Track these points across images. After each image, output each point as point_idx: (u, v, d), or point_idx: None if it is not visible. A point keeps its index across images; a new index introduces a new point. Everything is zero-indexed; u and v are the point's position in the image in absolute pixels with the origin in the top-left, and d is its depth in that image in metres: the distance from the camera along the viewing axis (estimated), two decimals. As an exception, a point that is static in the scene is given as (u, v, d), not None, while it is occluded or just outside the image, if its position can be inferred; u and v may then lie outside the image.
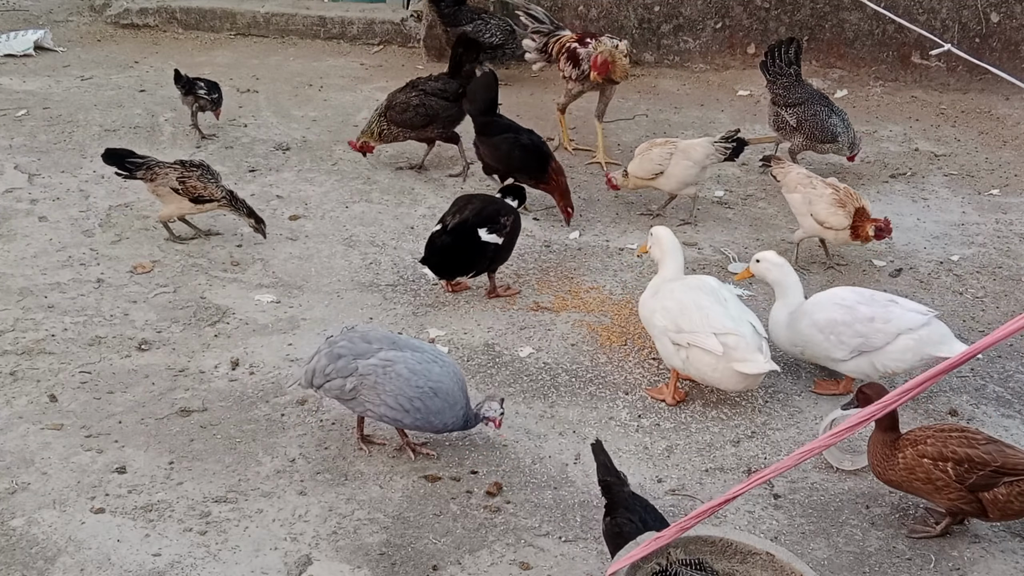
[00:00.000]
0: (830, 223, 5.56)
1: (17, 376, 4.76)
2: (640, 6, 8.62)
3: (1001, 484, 3.73)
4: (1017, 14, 8.19)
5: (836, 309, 4.60)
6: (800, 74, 6.89)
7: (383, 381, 4.07)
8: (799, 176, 5.79)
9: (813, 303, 4.70)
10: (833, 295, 4.72)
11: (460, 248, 5.29)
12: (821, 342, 4.61)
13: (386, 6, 9.55)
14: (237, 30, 9.34)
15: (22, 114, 7.58)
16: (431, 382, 4.08)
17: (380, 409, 4.10)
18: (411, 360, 4.10)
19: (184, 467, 4.22)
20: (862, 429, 2.79)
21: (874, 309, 4.57)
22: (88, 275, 5.60)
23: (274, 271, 5.70)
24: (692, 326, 4.45)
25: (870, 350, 4.55)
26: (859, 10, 8.26)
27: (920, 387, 2.53)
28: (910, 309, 4.60)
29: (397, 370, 4.07)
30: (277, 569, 3.74)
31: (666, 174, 6.12)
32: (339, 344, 4.17)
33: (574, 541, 3.91)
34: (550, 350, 5.06)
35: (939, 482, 3.79)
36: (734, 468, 4.31)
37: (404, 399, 4.07)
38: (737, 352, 4.36)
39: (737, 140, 6.17)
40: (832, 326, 4.57)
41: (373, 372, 4.08)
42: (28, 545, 3.81)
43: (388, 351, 4.12)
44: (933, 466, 3.79)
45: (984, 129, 7.75)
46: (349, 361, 4.11)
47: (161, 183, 5.82)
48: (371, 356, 4.11)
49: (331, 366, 4.12)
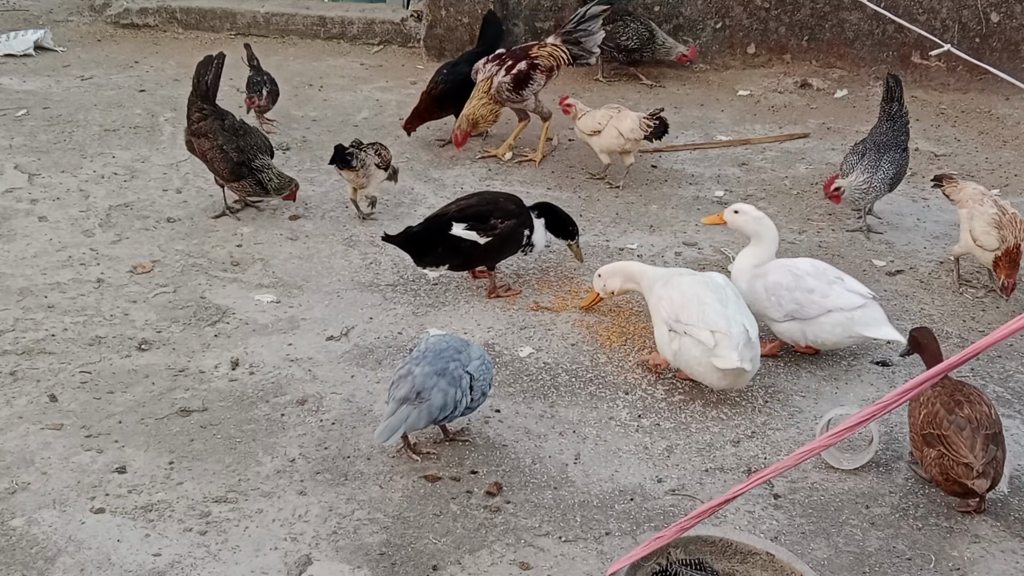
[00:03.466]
0: (981, 241, 5.43)
1: (17, 376, 4.76)
2: (640, 6, 8.62)
3: (936, 448, 4.01)
4: (1017, 14, 8.20)
5: (786, 274, 4.88)
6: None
7: (485, 374, 4.24)
8: (973, 192, 5.62)
9: (773, 265, 4.95)
10: (792, 262, 4.99)
11: (427, 236, 5.32)
12: (763, 300, 4.90)
13: (386, 6, 9.55)
14: (237, 30, 9.34)
15: (22, 114, 7.58)
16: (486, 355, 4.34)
17: (477, 402, 4.26)
18: (476, 348, 4.30)
19: (184, 467, 4.23)
20: (862, 429, 2.79)
21: (818, 282, 4.84)
22: (88, 275, 5.60)
23: (274, 271, 5.70)
24: (689, 318, 4.55)
25: (802, 318, 4.82)
26: (859, 10, 8.26)
27: (920, 387, 2.53)
28: (851, 290, 4.85)
29: (486, 358, 4.28)
30: (277, 569, 3.74)
31: (600, 135, 6.57)
32: (448, 371, 4.13)
33: (574, 541, 3.91)
34: (550, 350, 5.06)
35: (911, 418, 4.19)
36: (734, 468, 4.31)
37: (491, 379, 4.31)
38: (718, 348, 4.44)
39: (659, 119, 6.53)
40: (776, 288, 4.86)
41: (480, 369, 4.22)
42: (28, 545, 3.82)
43: (468, 349, 4.24)
44: (916, 405, 4.16)
45: (984, 129, 7.75)
46: (462, 374, 4.16)
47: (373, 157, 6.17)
48: (469, 360, 4.20)
49: (454, 391, 4.13)
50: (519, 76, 6.80)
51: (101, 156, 6.97)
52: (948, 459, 3.94)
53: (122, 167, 6.81)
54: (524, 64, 6.81)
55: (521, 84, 6.82)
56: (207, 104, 6.13)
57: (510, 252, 5.52)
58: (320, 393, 4.70)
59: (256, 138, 6.21)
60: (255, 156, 6.09)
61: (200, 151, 6.12)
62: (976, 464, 3.88)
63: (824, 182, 6.23)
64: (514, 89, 6.82)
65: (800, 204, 6.62)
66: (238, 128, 6.15)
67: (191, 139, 6.17)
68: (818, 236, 6.21)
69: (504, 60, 6.88)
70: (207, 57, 6.15)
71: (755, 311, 4.81)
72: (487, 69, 6.89)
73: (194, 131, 6.12)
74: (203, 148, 6.08)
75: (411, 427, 4.10)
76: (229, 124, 6.12)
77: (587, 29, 7.01)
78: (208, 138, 6.06)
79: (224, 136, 6.05)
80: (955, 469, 3.92)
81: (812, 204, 6.62)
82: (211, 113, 6.11)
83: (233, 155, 6.03)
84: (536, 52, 6.89)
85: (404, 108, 7.78)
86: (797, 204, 6.62)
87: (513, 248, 5.49)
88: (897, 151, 6.12)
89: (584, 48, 7.05)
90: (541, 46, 6.96)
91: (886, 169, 6.03)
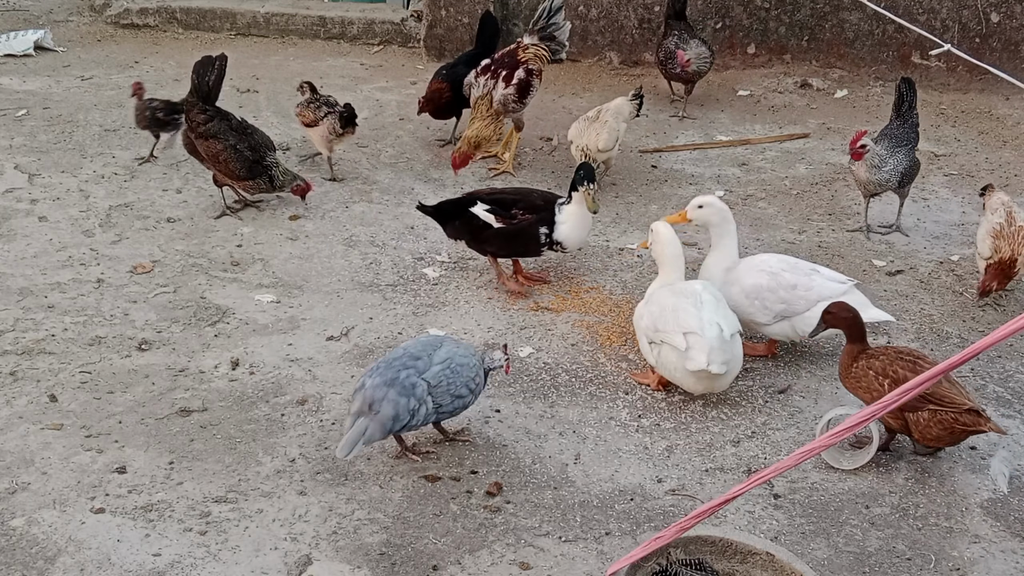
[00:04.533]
0: (978, 247, 5.46)
1: (17, 376, 4.76)
2: (640, 6, 8.62)
3: (925, 409, 4.09)
4: (1017, 14, 8.20)
5: (761, 275, 4.86)
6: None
7: (452, 377, 4.16)
8: (996, 200, 5.61)
9: (742, 269, 4.93)
10: (760, 261, 4.99)
11: (453, 208, 5.55)
12: (747, 307, 4.85)
13: (386, 6, 9.55)
14: (237, 30, 9.35)
15: (22, 114, 7.58)
16: (471, 356, 4.25)
17: (453, 404, 4.20)
18: (448, 349, 4.23)
19: (184, 467, 4.23)
20: (861, 429, 2.79)
21: (797, 277, 4.85)
22: (88, 275, 5.60)
23: (274, 271, 5.70)
24: (665, 326, 4.55)
25: (792, 315, 4.82)
26: (859, 10, 8.26)
27: (920, 387, 2.53)
28: (830, 278, 4.88)
29: (457, 360, 4.20)
30: (277, 569, 3.74)
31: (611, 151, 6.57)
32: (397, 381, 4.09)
33: (574, 541, 3.91)
34: (550, 350, 5.06)
35: (875, 393, 4.15)
36: (734, 468, 4.31)
37: (469, 381, 4.21)
38: (689, 351, 4.44)
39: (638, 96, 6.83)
40: (757, 291, 4.84)
41: (442, 375, 4.13)
42: (28, 545, 3.82)
43: (433, 354, 4.19)
44: (875, 379, 4.20)
45: (984, 129, 7.75)
46: (417, 381, 4.10)
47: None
48: (429, 366, 4.14)
49: (406, 400, 4.07)
50: (522, 85, 6.68)
51: (101, 156, 6.98)
52: (946, 413, 4.06)
53: (122, 167, 6.81)
54: (522, 72, 6.70)
55: (525, 92, 6.73)
56: (209, 105, 6.14)
57: (521, 249, 5.48)
58: (320, 393, 4.70)
59: (261, 136, 6.26)
60: (265, 153, 6.14)
61: (211, 153, 6.11)
62: (976, 404, 4.06)
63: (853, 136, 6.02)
64: (519, 99, 6.72)
65: (800, 204, 6.62)
66: (245, 127, 6.17)
67: (196, 141, 6.17)
68: (818, 236, 6.22)
69: (496, 71, 6.70)
70: (206, 57, 6.14)
71: (741, 318, 4.76)
72: (482, 84, 6.69)
73: (201, 133, 6.11)
74: (214, 149, 6.08)
75: (369, 439, 4.05)
76: (236, 124, 6.14)
77: (557, 23, 6.93)
78: (219, 139, 6.07)
79: (235, 136, 6.08)
80: (960, 419, 4.05)
81: (812, 204, 6.62)
82: (216, 114, 6.12)
83: (247, 153, 6.08)
84: (524, 56, 6.76)
85: (404, 108, 7.80)
86: (797, 204, 6.62)
87: (526, 245, 5.43)
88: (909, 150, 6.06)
89: (559, 42, 6.96)
90: (524, 48, 6.82)
91: (900, 159, 5.98)
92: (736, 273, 4.92)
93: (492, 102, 6.63)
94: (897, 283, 5.73)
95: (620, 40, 8.74)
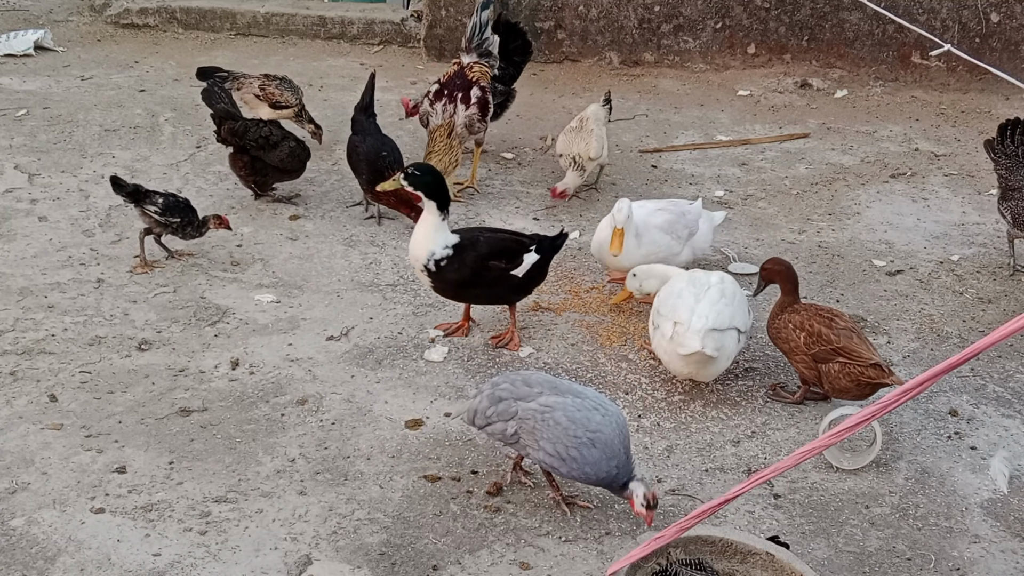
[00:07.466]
0: None
1: (17, 376, 4.76)
2: (640, 6, 8.62)
3: (835, 361, 4.39)
4: (1017, 14, 8.20)
5: (661, 214, 5.37)
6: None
7: (541, 427, 3.89)
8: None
9: (642, 217, 5.33)
10: (646, 206, 5.46)
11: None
12: (669, 241, 5.35)
13: (386, 6, 9.55)
14: (237, 30, 9.35)
15: (22, 114, 7.58)
16: (589, 432, 3.82)
17: (539, 455, 3.94)
18: (571, 407, 3.89)
19: (184, 467, 4.23)
20: (862, 429, 2.79)
21: (677, 206, 5.47)
22: (88, 275, 5.60)
23: (274, 271, 5.70)
24: (665, 311, 4.66)
25: (691, 237, 5.42)
26: (859, 10, 8.26)
27: (920, 387, 2.53)
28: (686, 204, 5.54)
29: (556, 417, 3.87)
30: (277, 569, 3.74)
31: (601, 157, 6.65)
32: (500, 386, 4.02)
33: (574, 541, 3.91)
34: (550, 350, 5.07)
35: (792, 343, 4.53)
36: (734, 468, 4.31)
37: (561, 447, 3.86)
38: (676, 337, 4.53)
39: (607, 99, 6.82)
40: (670, 225, 5.34)
41: (532, 417, 3.91)
42: (28, 545, 3.82)
43: (549, 396, 3.93)
44: (793, 331, 4.52)
45: (984, 129, 7.73)
46: (510, 404, 3.96)
47: (247, 91, 6.85)
48: (531, 400, 3.93)
49: (492, 408, 3.98)
50: (481, 103, 6.49)
51: (101, 156, 6.97)
52: (853, 366, 4.35)
53: (122, 167, 6.81)
54: (477, 90, 6.49)
55: (485, 110, 6.54)
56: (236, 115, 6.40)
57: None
58: (320, 393, 4.70)
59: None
60: None
61: (277, 159, 6.32)
62: (880, 360, 4.34)
63: None
64: (483, 118, 6.54)
65: (800, 204, 6.63)
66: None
67: (257, 154, 6.28)
68: (818, 236, 6.22)
69: (451, 94, 6.48)
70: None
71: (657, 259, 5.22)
72: (439, 110, 6.46)
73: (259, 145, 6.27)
74: (279, 156, 6.31)
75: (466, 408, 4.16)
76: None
77: (488, 37, 6.75)
78: (281, 147, 6.33)
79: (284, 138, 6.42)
80: (866, 373, 4.33)
81: (812, 204, 6.62)
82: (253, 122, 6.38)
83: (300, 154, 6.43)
84: (472, 75, 6.54)
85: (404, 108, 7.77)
86: (797, 204, 6.62)
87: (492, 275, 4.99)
88: None
89: (494, 56, 6.80)
90: (470, 68, 6.58)
91: None
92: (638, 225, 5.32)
93: (453, 127, 6.41)
94: (897, 283, 5.73)
95: (620, 40, 8.74)
